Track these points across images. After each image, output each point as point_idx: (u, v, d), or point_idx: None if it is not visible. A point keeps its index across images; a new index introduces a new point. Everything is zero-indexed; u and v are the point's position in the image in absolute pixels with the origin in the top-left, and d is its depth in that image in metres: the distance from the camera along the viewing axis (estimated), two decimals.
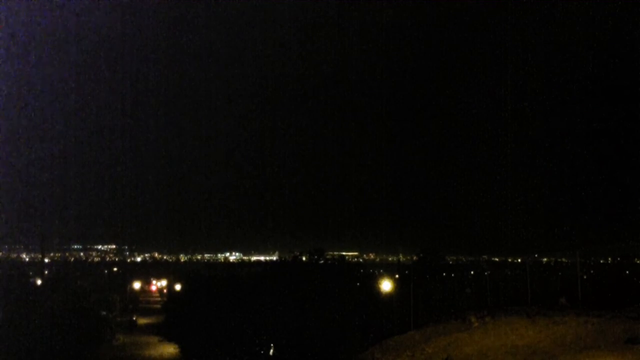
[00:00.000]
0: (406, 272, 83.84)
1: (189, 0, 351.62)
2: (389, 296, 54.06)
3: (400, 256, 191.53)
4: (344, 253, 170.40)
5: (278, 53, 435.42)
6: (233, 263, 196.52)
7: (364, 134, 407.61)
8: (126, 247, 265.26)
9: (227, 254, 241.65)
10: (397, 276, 74.20)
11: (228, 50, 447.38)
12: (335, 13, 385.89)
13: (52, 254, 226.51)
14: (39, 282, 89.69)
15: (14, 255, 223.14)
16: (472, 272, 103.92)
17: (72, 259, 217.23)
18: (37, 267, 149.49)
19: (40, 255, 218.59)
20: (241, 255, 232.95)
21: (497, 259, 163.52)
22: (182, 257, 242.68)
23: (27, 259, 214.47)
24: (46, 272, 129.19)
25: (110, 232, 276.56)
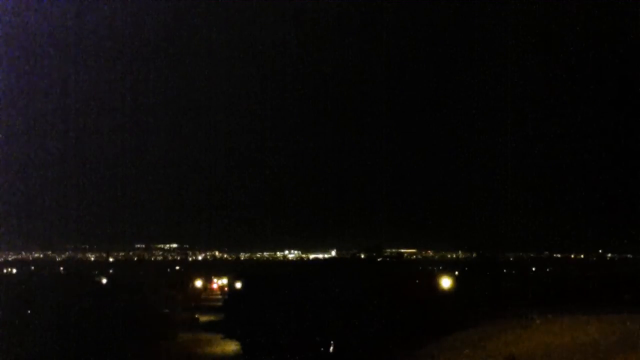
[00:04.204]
0: (465, 268, 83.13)
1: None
2: (448, 293, 53.75)
3: (460, 253, 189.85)
4: (402, 250, 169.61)
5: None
6: (292, 261, 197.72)
7: (425, 132, 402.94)
8: (188, 246, 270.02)
9: (286, 252, 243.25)
10: (456, 273, 73.59)
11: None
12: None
13: (116, 254, 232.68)
14: (104, 280, 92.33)
15: (80, 255, 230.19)
16: (533, 269, 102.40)
17: (136, 258, 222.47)
18: (102, 267, 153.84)
19: (105, 255, 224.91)
20: (299, 253, 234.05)
21: (559, 255, 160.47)
22: (242, 256, 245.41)
23: (92, 258, 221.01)
24: (111, 271, 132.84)
25: (172, 231, 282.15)
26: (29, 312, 57.51)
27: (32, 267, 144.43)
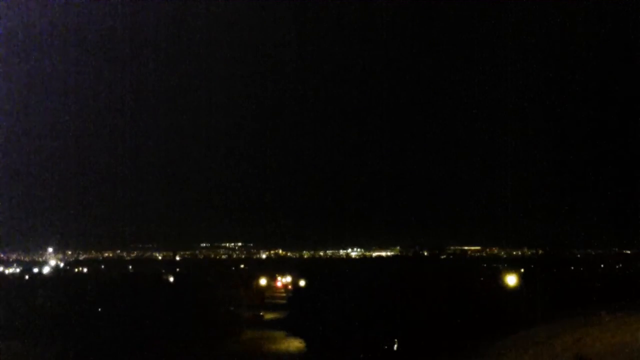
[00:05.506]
0: (532, 266, 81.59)
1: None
2: (514, 290, 52.98)
3: (525, 250, 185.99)
4: (466, 247, 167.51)
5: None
6: (355, 259, 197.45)
7: (500, 129, 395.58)
8: (252, 245, 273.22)
9: (349, 250, 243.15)
10: (522, 270, 72.36)
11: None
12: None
13: (182, 253, 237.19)
14: (171, 279, 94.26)
15: (148, 254, 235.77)
16: (601, 266, 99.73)
17: (201, 257, 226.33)
18: (169, 265, 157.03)
19: (172, 254, 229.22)
20: (362, 250, 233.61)
21: (628, 252, 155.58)
22: (305, 254, 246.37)
23: (160, 257, 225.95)
24: (178, 269, 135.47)
25: (236, 230, 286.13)
26: (99, 310, 59.31)
27: (102, 266, 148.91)
